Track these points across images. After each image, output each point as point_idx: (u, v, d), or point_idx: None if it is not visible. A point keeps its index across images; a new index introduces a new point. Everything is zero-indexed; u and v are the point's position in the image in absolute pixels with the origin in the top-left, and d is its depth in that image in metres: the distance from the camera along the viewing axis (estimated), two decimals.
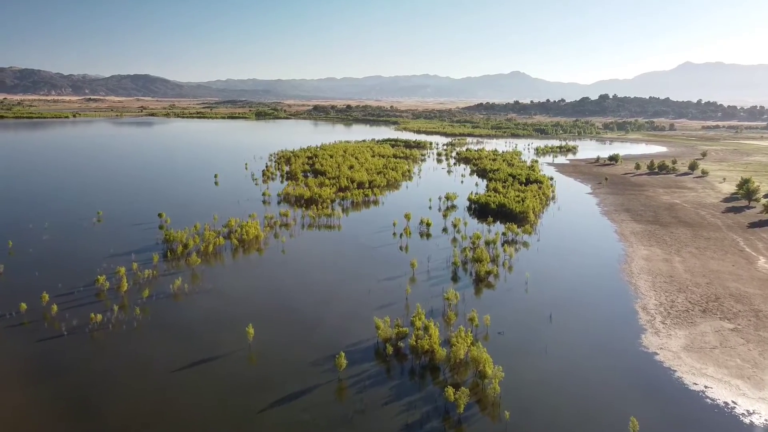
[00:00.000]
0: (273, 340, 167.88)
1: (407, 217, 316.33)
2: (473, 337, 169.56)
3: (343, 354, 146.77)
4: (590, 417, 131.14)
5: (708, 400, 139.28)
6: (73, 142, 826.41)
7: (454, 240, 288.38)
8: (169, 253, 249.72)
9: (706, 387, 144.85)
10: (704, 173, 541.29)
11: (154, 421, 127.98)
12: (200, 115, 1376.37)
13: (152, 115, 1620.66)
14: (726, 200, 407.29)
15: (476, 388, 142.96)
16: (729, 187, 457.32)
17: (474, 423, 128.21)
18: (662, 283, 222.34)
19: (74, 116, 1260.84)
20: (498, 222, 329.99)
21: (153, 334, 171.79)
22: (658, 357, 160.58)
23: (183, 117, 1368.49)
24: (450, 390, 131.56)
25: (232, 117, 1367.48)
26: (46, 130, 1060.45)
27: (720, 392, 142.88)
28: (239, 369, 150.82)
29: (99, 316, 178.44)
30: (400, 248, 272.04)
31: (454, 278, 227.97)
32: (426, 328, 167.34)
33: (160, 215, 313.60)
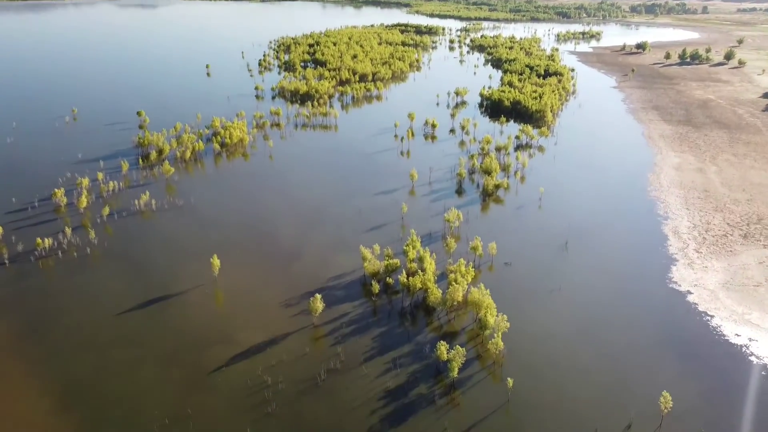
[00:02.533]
0: (242, 273, 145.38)
1: (411, 117, 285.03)
2: (475, 270, 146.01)
3: (318, 297, 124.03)
4: (609, 388, 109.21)
5: (753, 359, 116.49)
6: (59, 28, 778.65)
7: (462, 143, 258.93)
8: (141, 160, 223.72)
9: (750, 340, 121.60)
10: (741, 64, 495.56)
11: (90, 384, 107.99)
12: None
13: None
14: (766, 95, 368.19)
15: (476, 339, 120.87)
16: None
17: (470, 390, 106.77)
18: (696, 200, 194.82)
19: None
20: (512, 121, 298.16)
21: (105, 265, 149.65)
22: (691, 298, 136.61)
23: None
24: (443, 347, 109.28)
25: None
26: (32, 13, 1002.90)
27: None
28: (198, 313, 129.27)
29: (48, 241, 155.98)
30: (401, 154, 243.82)
31: (459, 192, 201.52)
32: (421, 260, 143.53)
33: (139, 114, 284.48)
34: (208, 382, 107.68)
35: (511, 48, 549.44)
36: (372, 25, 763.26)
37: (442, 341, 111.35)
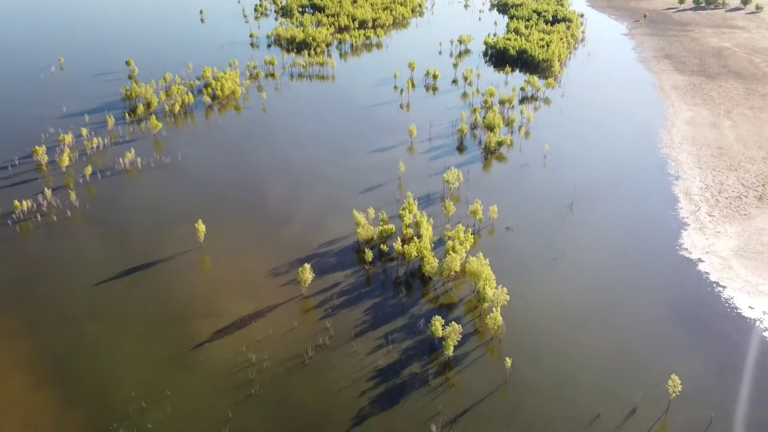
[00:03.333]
0: (229, 239, 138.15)
1: (411, 66, 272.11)
2: (475, 236, 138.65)
3: (307, 267, 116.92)
4: (614, 368, 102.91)
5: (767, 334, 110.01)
6: None
7: (464, 95, 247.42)
8: (128, 114, 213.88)
9: (765, 314, 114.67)
10: (758, 9, 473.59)
11: (64, 361, 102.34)
12: None
13: None
14: None
15: (474, 311, 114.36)
16: None
17: (466, 370, 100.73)
18: (709, 157, 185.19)
19: None
20: (517, 71, 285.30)
21: (86, 229, 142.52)
22: (702, 266, 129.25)
23: None
24: (438, 323, 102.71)
25: None
26: None
27: None
28: (182, 282, 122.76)
29: (27, 203, 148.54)
30: (400, 107, 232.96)
31: (460, 149, 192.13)
32: (417, 225, 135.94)
33: (128, 63, 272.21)
34: (190, 359, 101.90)
35: None
36: None
37: (437, 316, 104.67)
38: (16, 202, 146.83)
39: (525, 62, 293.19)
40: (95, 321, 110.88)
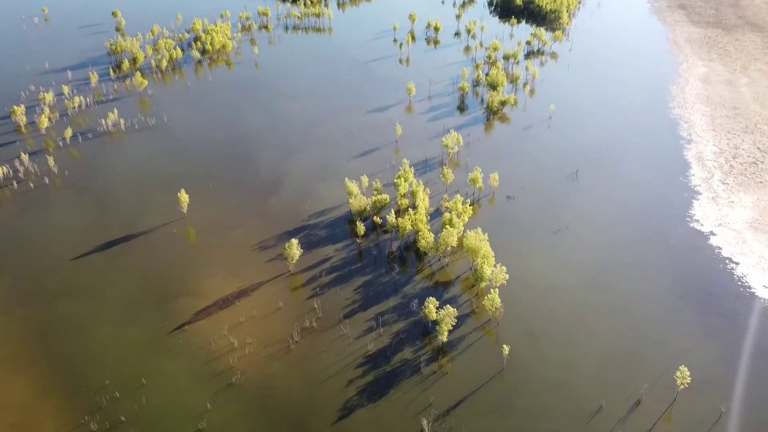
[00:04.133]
0: (214, 209, 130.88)
1: (412, 18, 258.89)
2: (474, 205, 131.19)
3: (294, 243, 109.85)
4: (618, 355, 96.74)
5: None
6: None
7: (467, 49, 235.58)
8: (113, 70, 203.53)
9: None
10: None
11: (36, 344, 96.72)
12: None
13: None
14: None
15: (471, 290, 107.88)
16: None
17: (461, 356, 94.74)
18: (724, 118, 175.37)
19: None
20: (524, 22, 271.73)
21: (64, 198, 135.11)
22: (715, 240, 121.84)
23: None
24: (431, 305, 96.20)
25: None
26: None
27: None
28: (162, 258, 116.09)
29: (2, 170, 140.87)
30: (400, 62, 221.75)
31: (461, 108, 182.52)
32: (413, 195, 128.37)
33: (114, 14, 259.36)
34: (168, 343, 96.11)
35: None
36: None
37: (431, 298, 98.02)
38: None
39: (532, 13, 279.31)
40: (71, 299, 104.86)
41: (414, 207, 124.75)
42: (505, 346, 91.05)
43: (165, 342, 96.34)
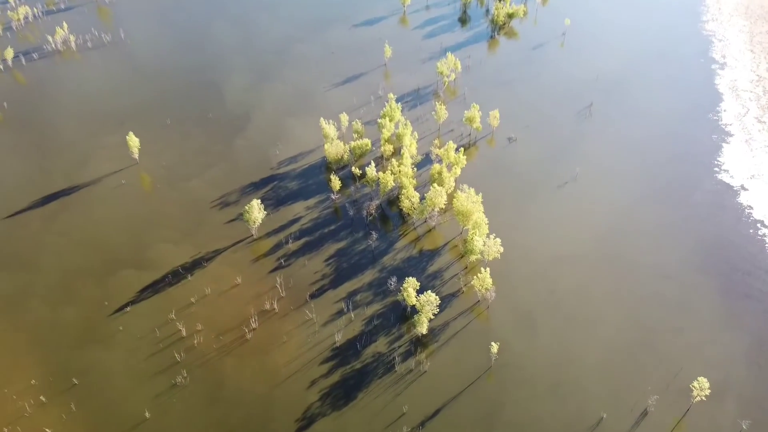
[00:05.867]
0: (172, 152, 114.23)
1: None
2: (470, 147, 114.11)
3: (255, 204, 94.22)
4: (624, 353, 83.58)
5: None
6: None
7: None
8: None
9: None
10: None
11: None
12: None
13: None
14: None
15: (461, 261, 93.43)
16: None
17: (442, 351, 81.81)
18: (765, 36, 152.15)
19: None
20: None
21: (0, 139, 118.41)
22: (745, 197, 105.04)
23: None
24: (411, 289, 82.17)
25: None
26: None
27: None
28: (107, 218, 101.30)
29: None
30: None
31: (463, 21, 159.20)
32: (399, 137, 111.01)
33: None
34: (107, 330, 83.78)
35: None
36: None
37: (410, 278, 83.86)
38: None
39: None
40: (0, 273, 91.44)
41: (399, 151, 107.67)
42: (493, 343, 77.82)
43: (103, 328, 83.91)
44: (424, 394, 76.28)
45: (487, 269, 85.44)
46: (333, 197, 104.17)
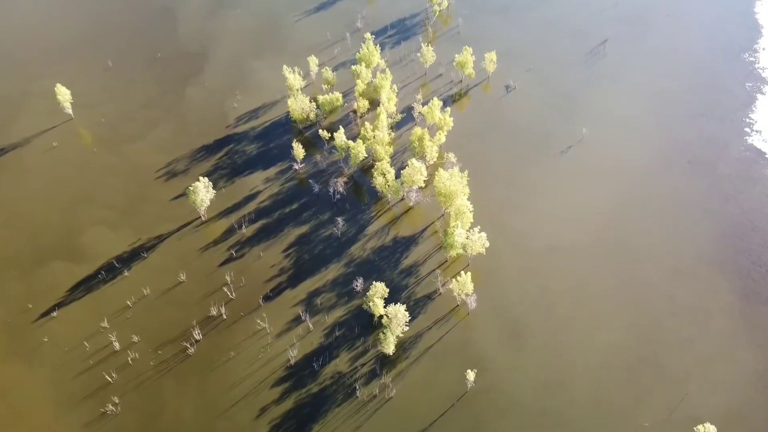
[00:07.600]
0: (111, 104, 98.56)
1: None
2: (459, 97, 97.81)
3: (203, 182, 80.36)
4: (625, 377, 72.57)
5: None
6: None
7: None
8: None
9: None
10: None
11: None
12: None
13: None
14: None
15: (440, 252, 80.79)
16: None
17: (411, 372, 71.05)
18: None
19: None
20: None
21: None
22: None
23: None
24: (377, 298, 70.21)
25: None
26: None
27: None
28: (34, 186, 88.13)
29: None
30: None
31: None
32: (377, 88, 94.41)
33: None
34: (30, 341, 73.48)
35: None
36: None
37: (378, 283, 71.94)
38: None
39: None
40: None
41: (376, 105, 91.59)
42: (469, 371, 66.80)
43: (26, 338, 73.48)
44: (388, 426, 66.52)
45: (468, 273, 72.87)
46: (296, 167, 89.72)
